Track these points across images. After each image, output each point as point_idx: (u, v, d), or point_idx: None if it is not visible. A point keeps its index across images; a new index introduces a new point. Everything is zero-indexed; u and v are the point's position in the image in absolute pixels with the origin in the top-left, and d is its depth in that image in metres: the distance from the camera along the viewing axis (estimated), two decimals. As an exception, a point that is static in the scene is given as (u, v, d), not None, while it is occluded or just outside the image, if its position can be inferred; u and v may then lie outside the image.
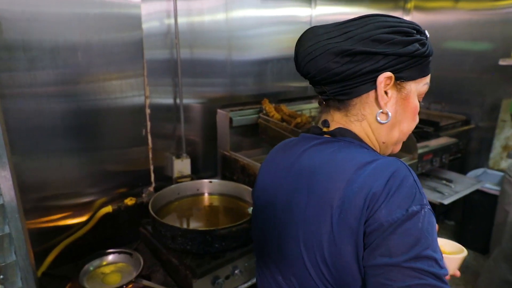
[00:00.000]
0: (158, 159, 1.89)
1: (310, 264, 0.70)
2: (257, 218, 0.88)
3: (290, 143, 0.86)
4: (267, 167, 0.88)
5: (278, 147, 0.89)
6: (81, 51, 1.55)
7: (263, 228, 0.85)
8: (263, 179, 0.87)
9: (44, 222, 1.62)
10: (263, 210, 0.85)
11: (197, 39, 1.90)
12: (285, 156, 0.83)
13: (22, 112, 1.45)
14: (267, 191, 0.84)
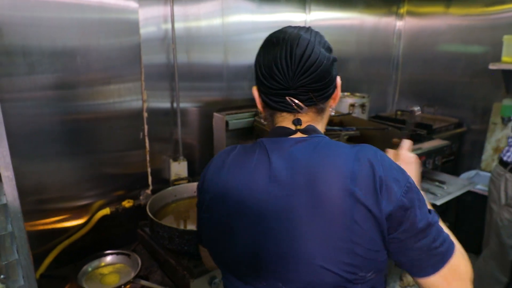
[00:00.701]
0: (155, 162, 1.91)
1: (329, 261, 0.70)
2: (237, 235, 0.78)
3: (250, 149, 0.83)
4: (233, 178, 0.79)
5: (235, 156, 0.83)
6: (80, 56, 1.58)
7: (253, 242, 0.76)
8: (233, 192, 0.78)
9: (42, 225, 1.64)
10: (249, 224, 0.76)
11: (194, 44, 1.94)
12: (259, 162, 0.78)
13: (21, 116, 1.48)
14: (246, 205, 0.76)
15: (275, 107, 0.80)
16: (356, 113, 2.48)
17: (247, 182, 0.77)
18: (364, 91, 2.85)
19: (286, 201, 0.73)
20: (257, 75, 0.81)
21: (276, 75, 0.75)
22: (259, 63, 0.80)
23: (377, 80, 3.19)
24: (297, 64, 0.74)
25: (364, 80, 3.03)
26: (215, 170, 0.84)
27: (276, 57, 0.75)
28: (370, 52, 3.01)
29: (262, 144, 0.81)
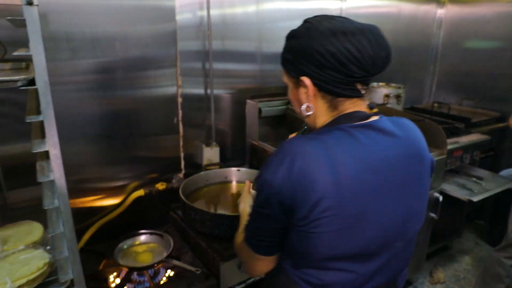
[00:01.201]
0: (188, 146, 1.95)
1: (424, 214, 0.89)
2: (368, 219, 0.77)
3: (343, 137, 0.78)
4: (349, 168, 0.75)
5: (334, 148, 0.76)
6: (118, 42, 1.63)
7: (386, 219, 0.80)
8: (356, 180, 0.75)
9: (81, 203, 1.73)
10: (379, 205, 0.78)
11: (229, 31, 1.94)
12: (357, 148, 0.77)
13: (63, 99, 1.55)
14: (373, 188, 0.77)
15: (344, 94, 0.81)
16: (391, 104, 2.42)
17: (365, 166, 0.76)
18: (399, 81, 2.76)
19: (414, 174, 0.83)
20: (329, 64, 0.77)
21: (362, 63, 0.76)
22: (333, 52, 0.76)
23: (414, 71, 3.08)
24: (385, 52, 0.78)
25: (399, 70, 2.93)
26: (321, 171, 0.73)
27: (363, 46, 0.76)
28: (407, 41, 2.90)
29: (351, 129, 0.79)
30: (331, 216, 0.74)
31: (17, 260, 1.03)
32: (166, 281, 1.47)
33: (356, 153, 0.76)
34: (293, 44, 0.83)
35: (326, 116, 0.85)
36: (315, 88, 0.82)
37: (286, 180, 0.74)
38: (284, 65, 0.87)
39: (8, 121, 1.44)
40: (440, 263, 2.67)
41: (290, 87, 0.89)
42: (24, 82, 0.87)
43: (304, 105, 0.85)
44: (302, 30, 0.81)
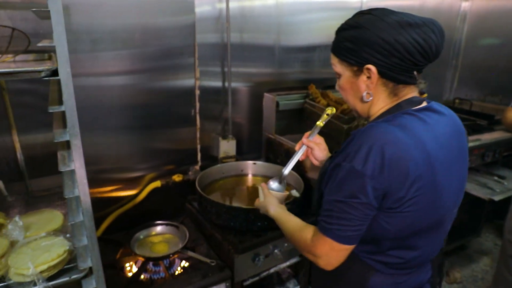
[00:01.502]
0: (205, 139, 1.96)
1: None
2: (443, 190, 0.88)
3: (414, 120, 0.87)
4: (421, 143, 0.84)
5: (412, 131, 0.84)
6: (138, 33, 1.64)
7: (454, 190, 0.93)
8: (428, 155, 0.84)
9: (99, 192, 1.76)
10: (449, 177, 0.90)
11: (247, 24, 1.93)
12: (424, 126, 0.87)
13: (83, 89, 1.58)
14: (445, 162, 0.88)
15: (405, 81, 0.88)
16: (410, 100, 2.36)
17: (437, 143, 0.87)
18: (420, 76, 2.70)
19: (460, 147, 0.93)
20: (396, 52, 0.83)
21: (427, 52, 0.83)
22: (402, 42, 0.82)
23: (434, 66, 2.96)
24: (442, 42, 0.86)
25: (420, 65, 2.86)
26: (413, 153, 0.81)
27: (429, 36, 0.82)
28: (430, 35, 2.82)
29: (417, 113, 0.88)
30: (424, 192, 0.83)
31: (38, 246, 1.06)
32: (181, 271, 1.49)
33: (428, 133, 0.86)
34: (356, 34, 0.87)
35: (384, 103, 0.92)
36: (378, 76, 0.88)
37: (380, 168, 0.79)
38: (342, 54, 0.91)
39: (31, 111, 1.47)
40: (457, 262, 2.62)
41: (346, 76, 0.93)
42: (47, 73, 0.88)
43: (364, 92, 0.91)
44: (366, 21, 0.85)
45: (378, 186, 0.80)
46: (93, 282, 1.07)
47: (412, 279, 0.98)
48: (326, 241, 0.88)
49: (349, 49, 0.88)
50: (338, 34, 0.92)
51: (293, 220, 1.07)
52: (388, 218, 0.86)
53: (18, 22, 1.36)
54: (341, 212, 0.85)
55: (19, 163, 1.49)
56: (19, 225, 1.10)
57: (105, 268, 1.41)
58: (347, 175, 0.83)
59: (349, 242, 0.88)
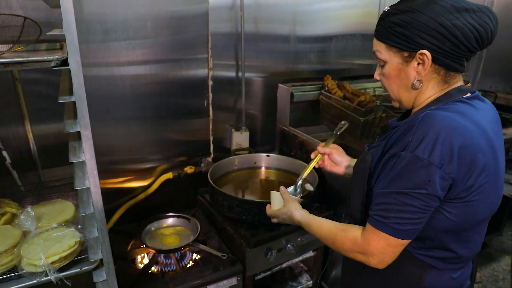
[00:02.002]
0: (217, 130, 1.93)
1: None
2: (499, 177, 0.88)
3: (469, 108, 0.85)
4: (482, 129, 0.83)
5: (468, 108, 0.85)
6: (150, 22, 1.61)
7: (499, 196, 0.91)
8: (490, 142, 0.84)
9: (111, 183, 1.76)
10: (500, 171, 0.89)
11: (262, 13, 1.88)
12: (479, 114, 0.85)
13: (96, 80, 1.56)
14: (493, 149, 0.85)
15: (457, 68, 0.85)
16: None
17: (491, 129, 0.85)
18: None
19: (499, 131, 0.92)
20: (452, 37, 0.80)
21: (483, 39, 0.81)
22: (460, 26, 0.79)
23: (457, 57, 2.88)
24: (497, 29, 0.83)
25: (441, 56, 2.76)
26: (479, 141, 0.81)
27: (486, 22, 0.80)
28: (452, 24, 2.71)
29: (470, 101, 0.86)
30: (489, 180, 0.82)
31: (50, 237, 1.06)
32: (192, 264, 1.48)
33: (484, 119, 0.85)
34: (408, 18, 0.82)
35: (434, 90, 0.88)
36: (431, 62, 0.84)
37: (449, 157, 0.76)
38: (391, 40, 0.86)
39: (43, 101, 1.47)
40: (476, 261, 2.54)
41: (394, 62, 0.88)
42: (57, 63, 0.86)
43: (414, 79, 0.87)
44: (420, 5, 0.82)
45: (446, 176, 0.77)
46: (103, 274, 1.06)
47: (464, 273, 0.97)
48: (382, 237, 0.83)
49: (400, 33, 0.84)
50: (385, 19, 0.87)
51: (329, 222, 1.01)
52: (452, 208, 0.82)
53: (30, 11, 1.35)
54: (402, 204, 0.80)
55: (32, 153, 1.50)
56: (31, 215, 1.10)
57: (116, 259, 1.42)
58: (409, 165, 0.78)
59: (408, 237, 0.83)
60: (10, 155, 1.45)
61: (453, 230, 0.86)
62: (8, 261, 1.00)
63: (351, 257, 0.91)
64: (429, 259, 0.90)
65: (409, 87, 0.88)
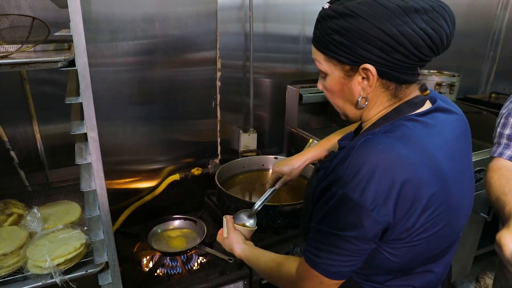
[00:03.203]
0: (225, 132, 1.92)
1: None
2: (453, 218, 0.74)
3: (423, 119, 0.73)
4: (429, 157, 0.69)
5: (417, 128, 0.71)
6: (158, 23, 1.60)
7: (465, 208, 0.80)
8: (439, 171, 0.70)
9: (118, 184, 1.75)
10: (462, 194, 0.76)
11: (271, 13, 1.86)
12: (431, 133, 0.73)
13: (102, 80, 1.56)
14: (453, 181, 0.73)
15: (411, 80, 0.74)
16: (443, 94, 2.23)
17: (447, 152, 0.73)
18: (452, 69, 2.55)
19: (468, 150, 0.82)
20: (400, 47, 0.67)
21: (437, 45, 0.68)
22: (408, 33, 0.65)
23: (469, 57, 2.82)
24: (454, 31, 0.70)
25: (452, 57, 2.71)
26: (424, 174, 0.68)
27: (440, 25, 0.67)
28: (465, 24, 2.65)
29: (422, 118, 0.74)
30: (438, 215, 0.69)
31: (56, 238, 1.05)
32: (198, 268, 1.46)
33: (436, 139, 0.72)
34: (348, 24, 0.67)
35: (383, 106, 0.76)
36: (377, 77, 0.71)
37: (384, 198, 0.65)
38: (330, 50, 0.72)
39: (51, 101, 1.46)
40: (489, 268, 2.48)
41: (335, 76, 0.74)
42: (64, 63, 0.85)
43: (359, 97, 0.74)
44: (360, 8, 0.66)
45: (380, 219, 0.65)
46: (109, 277, 1.05)
47: (432, 276, 0.85)
48: (314, 275, 0.75)
49: (339, 43, 0.69)
50: (322, 23, 0.72)
51: (267, 256, 0.96)
52: (392, 250, 0.72)
53: (38, 12, 1.35)
54: (332, 245, 0.71)
55: (39, 153, 1.50)
56: (37, 216, 1.09)
57: (122, 261, 1.41)
58: (340, 204, 0.67)
59: (340, 278, 0.75)
60: (17, 155, 1.45)
61: (402, 270, 0.77)
62: (14, 262, 1.00)
63: None
64: (382, 286, 0.81)
65: (354, 103, 0.76)
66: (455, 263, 2.16)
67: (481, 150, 1.88)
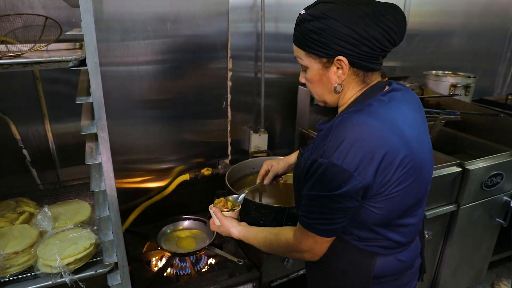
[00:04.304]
0: (236, 132, 1.91)
1: None
2: (423, 169, 0.91)
3: (385, 98, 0.90)
4: (395, 126, 0.86)
5: (382, 105, 0.88)
6: (169, 22, 1.59)
7: (425, 182, 0.95)
8: (404, 136, 0.86)
9: (128, 183, 1.75)
10: (425, 157, 0.92)
11: (283, 12, 1.84)
12: (392, 108, 0.89)
13: (114, 79, 1.56)
14: (415, 144, 0.89)
15: (376, 68, 0.90)
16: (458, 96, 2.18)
17: (408, 122, 0.90)
18: (467, 70, 2.50)
19: (423, 119, 0.98)
20: (366, 41, 0.83)
21: (394, 39, 0.85)
22: (371, 31, 0.82)
23: (485, 58, 2.76)
24: (406, 25, 0.87)
25: (468, 58, 2.65)
26: (395, 140, 0.84)
27: (395, 22, 0.83)
28: (481, 24, 2.60)
29: (385, 97, 0.90)
30: (408, 172, 0.85)
31: (66, 238, 1.05)
32: (207, 269, 1.45)
33: (398, 113, 0.89)
34: (323, 25, 0.83)
35: (354, 91, 0.92)
36: (349, 66, 0.87)
37: (362, 162, 0.80)
38: (309, 47, 0.88)
39: (63, 100, 1.47)
40: (504, 274, 2.42)
41: (315, 68, 0.90)
42: (75, 63, 0.85)
43: (335, 83, 0.90)
44: (332, 11, 0.83)
45: (361, 179, 0.81)
46: (118, 278, 1.05)
47: (411, 253, 1.03)
48: (309, 235, 0.91)
49: (317, 41, 0.85)
50: (301, 25, 0.88)
51: (263, 230, 1.09)
52: (376, 203, 0.87)
53: (51, 11, 1.36)
54: (322, 206, 0.86)
55: (51, 151, 1.51)
56: (48, 215, 1.09)
57: (131, 261, 1.41)
58: (326, 171, 0.82)
59: (331, 235, 0.91)
60: (29, 154, 1.46)
61: (384, 222, 0.91)
62: (25, 261, 1.00)
63: (289, 257, 1.04)
64: (373, 248, 0.95)
65: (332, 90, 0.92)
66: (469, 268, 2.11)
67: (498, 153, 1.83)
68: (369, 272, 0.97)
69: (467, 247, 2.00)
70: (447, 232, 1.91)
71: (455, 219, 1.85)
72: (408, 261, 1.02)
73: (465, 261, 2.05)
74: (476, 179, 1.77)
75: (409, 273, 1.05)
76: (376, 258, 0.96)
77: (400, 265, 1.00)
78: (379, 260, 0.96)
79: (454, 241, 1.91)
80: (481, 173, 1.77)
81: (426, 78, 2.33)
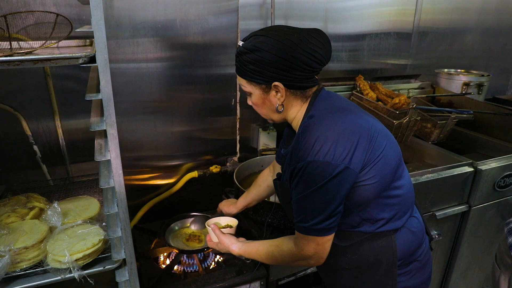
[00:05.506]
0: (244, 130, 1.90)
1: None
2: (387, 136, 1.00)
3: (324, 99, 1.02)
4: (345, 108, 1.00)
5: (325, 103, 1.01)
6: (179, 19, 1.59)
7: (394, 142, 1.04)
8: (363, 117, 0.98)
9: (136, 180, 1.76)
10: (381, 127, 1.02)
11: (293, 10, 1.83)
12: (333, 99, 1.03)
13: (124, 75, 1.56)
14: (365, 117, 1.00)
15: (311, 85, 1.00)
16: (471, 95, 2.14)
17: (355, 108, 1.03)
18: (481, 68, 2.45)
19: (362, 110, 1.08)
20: (297, 66, 0.93)
21: (321, 60, 0.95)
22: (299, 57, 0.92)
23: (500, 56, 2.70)
24: (331, 46, 0.98)
25: (482, 56, 2.60)
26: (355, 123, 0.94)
27: (320, 46, 0.93)
28: (496, 21, 2.54)
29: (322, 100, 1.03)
30: (379, 139, 0.95)
31: (75, 234, 1.06)
32: (215, 266, 1.45)
33: (341, 100, 1.04)
34: (256, 56, 0.94)
35: (298, 106, 1.03)
36: (285, 89, 0.98)
37: (346, 152, 0.88)
38: (249, 76, 0.98)
39: (73, 97, 1.48)
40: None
41: (257, 94, 1.01)
42: (85, 60, 0.85)
43: (277, 105, 1.01)
44: (263, 43, 0.93)
45: (357, 169, 0.90)
46: (126, 274, 1.05)
47: (418, 224, 1.09)
48: (310, 240, 0.94)
49: (254, 70, 0.96)
50: (240, 57, 0.98)
51: (264, 244, 1.10)
52: (368, 174, 0.93)
53: (62, 8, 1.37)
54: (313, 203, 0.91)
55: (61, 147, 1.52)
56: (57, 211, 1.10)
57: (139, 257, 1.42)
58: (306, 170, 0.89)
59: (330, 232, 0.94)
60: (40, 150, 1.47)
61: (383, 188, 0.97)
62: (35, 256, 1.01)
63: (295, 265, 1.06)
64: (385, 227, 1.01)
65: (275, 111, 1.03)
66: (480, 270, 2.08)
67: (511, 154, 1.80)
68: (393, 254, 1.02)
69: (478, 248, 1.97)
70: (458, 233, 1.88)
71: (466, 220, 1.82)
72: (419, 233, 1.08)
73: (476, 263, 2.02)
74: (489, 179, 1.74)
75: (423, 252, 1.09)
76: (393, 237, 1.01)
77: (414, 237, 1.06)
78: (397, 237, 1.02)
79: (465, 242, 1.88)
80: (494, 174, 1.74)
81: (438, 76, 2.29)
